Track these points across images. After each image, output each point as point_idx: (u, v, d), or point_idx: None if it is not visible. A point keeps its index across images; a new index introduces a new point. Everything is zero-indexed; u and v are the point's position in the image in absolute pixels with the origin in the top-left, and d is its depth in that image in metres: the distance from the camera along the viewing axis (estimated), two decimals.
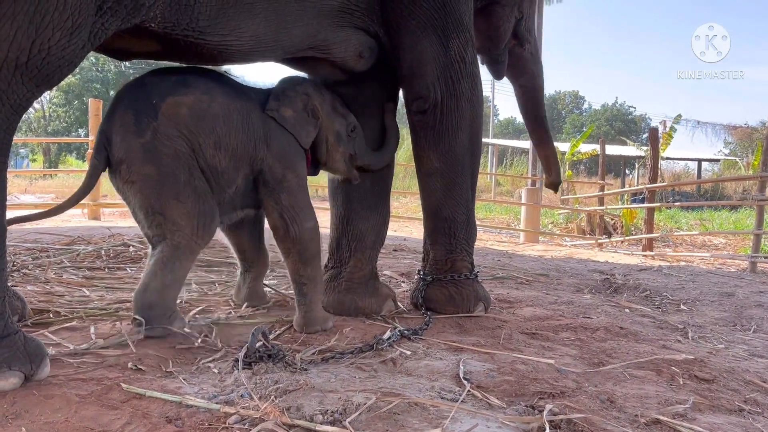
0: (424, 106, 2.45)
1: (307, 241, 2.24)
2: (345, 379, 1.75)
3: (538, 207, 9.78)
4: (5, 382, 1.48)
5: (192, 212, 2.01)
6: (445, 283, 2.61)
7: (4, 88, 1.47)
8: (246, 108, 2.15)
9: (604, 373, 1.94)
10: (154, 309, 2.00)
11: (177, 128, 1.99)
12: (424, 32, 2.39)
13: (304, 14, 2.10)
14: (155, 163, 1.97)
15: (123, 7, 1.67)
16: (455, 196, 2.55)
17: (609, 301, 3.32)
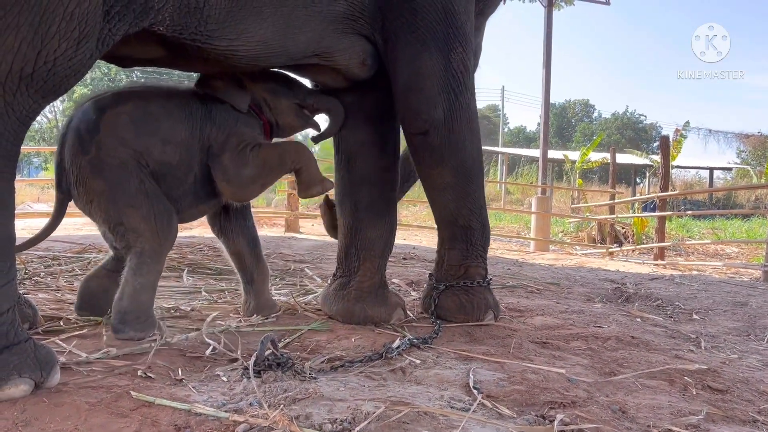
0: (425, 126, 2.36)
1: (262, 161, 2.27)
2: (354, 388, 1.74)
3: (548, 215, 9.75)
4: (15, 390, 1.48)
5: (148, 216, 2.07)
6: (456, 290, 2.59)
7: (9, 100, 1.47)
8: (184, 99, 2.24)
9: (615, 382, 1.92)
10: (128, 314, 2.06)
11: (118, 137, 2.05)
12: (424, 45, 2.31)
13: (311, 20, 2.09)
14: (103, 176, 2.04)
15: (131, 11, 1.67)
16: (470, 206, 2.53)
17: (620, 310, 3.30)
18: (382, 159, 2.55)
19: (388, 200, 2.58)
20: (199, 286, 3.22)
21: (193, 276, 3.53)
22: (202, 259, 3.97)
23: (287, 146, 2.37)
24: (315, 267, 4.18)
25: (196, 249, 4.31)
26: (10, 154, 1.51)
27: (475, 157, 2.51)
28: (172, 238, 2.17)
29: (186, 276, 3.47)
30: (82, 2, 1.51)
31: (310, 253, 5.02)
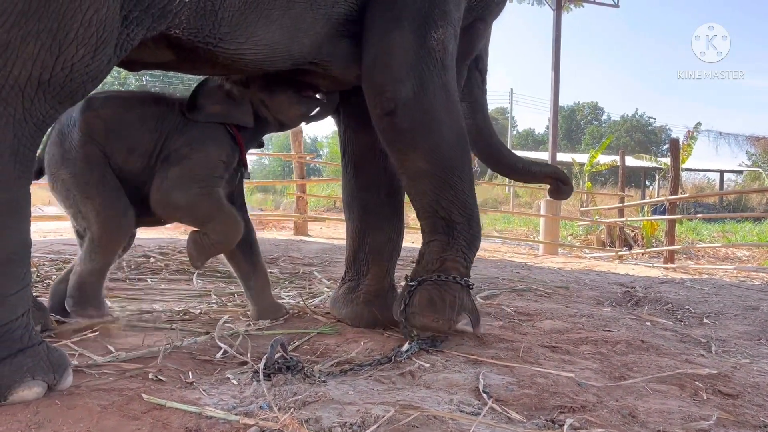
0: (390, 105, 2.15)
1: (192, 204, 2.25)
2: (363, 392, 1.74)
3: (557, 218, 9.72)
4: (29, 392, 1.49)
5: (101, 208, 2.19)
6: (428, 284, 2.24)
7: (27, 106, 1.48)
8: (163, 109, 2.29)
9: (625, 387, 1.91)
10: (75, 293, 2.25)
11: (90, 135, 2.18)
12: (397, 22, 2.15)
13: (316, 23, 2.07)
14: (69, 166, 2.19)
15: (149, 15, 1.67)
16: (450, 198, 2.24)
17: (630, 314, 3.28)
18: (389, 162, 2.54)
19: (396, 204, 2.57)
20: (208, 289, 3.24)
21: (202, 279, 3.54)
22: (211, 262, 3.99)
23: (222, 216, 2.30)
24: (324, 270, 4.19)
25: None
26: (27, 159, 1.53)
27: (453, 143, 2.24)
28: (124, 233, 2.27)
29: (196, 279, 3.49)
30: (100, 8, 1.52)
31: (319, 256, 5.03)
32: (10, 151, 1.47)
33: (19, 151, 1.50)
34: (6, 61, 1.43)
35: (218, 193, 2.29)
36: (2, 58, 1.42)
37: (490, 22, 2.72)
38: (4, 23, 1.41)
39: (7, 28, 1.41)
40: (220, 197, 2.30)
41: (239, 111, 2.37)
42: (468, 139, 2.36)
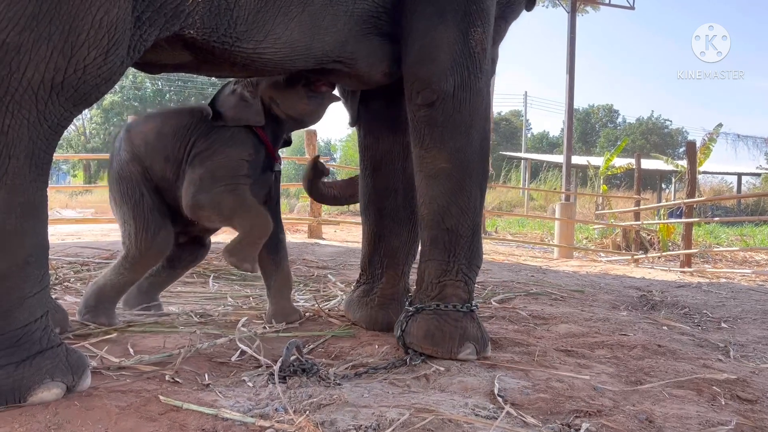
0: (432, 97, 2.14)
1: (217, 202, 2.30)
2: (378, 395, 1.75)
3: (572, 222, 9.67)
4: (48, 393, 1.51)
5: (138, 227, 2.33)
6: (427, 314, 2.16)
7: (41, 108, 1.49)
8: (190, 119, 2.39)
9: (642, 391, 1.90)
10: (91, 301, 2.37)
11: (133, 153, 2.35)
12: (442, 17, 2.14)
13: (337, 20, 2.03)
14: (117, 185, 2.37)
15: (162, 15, 1.66)
16: (462, 203, 2.19)
17: (646, 318, 3.26)
18: (407, 167, 2.54)
19: (412, 208, 2.55)
20: (224, 291, 3.26)
21: (218, 282, 3.57)
22: (227, 266, 4.01)
23: (245, 209, 2.32)
24: (338, 273, 4.20)
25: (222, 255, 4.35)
26: (42, 162, 1.54)
27: (477, 149, 2.22)
28: (154, 255, 2.39)
29: (212, 282, 3.51)
30: (111, 10, 1.52)
31: (333, 260, 5.04)
32: (25, 154, 1.48)
33: (35, 154, 1.51)
34: (19, 64, 1.44)
35: (241, 189, 2.33)
36: (15, 60, 1.43)
37: (509, 22, 2.67)
38: (16, 26, 1.42)
39: (18, 30, 1.42)
40: (243, 193, 2.33)
41: (250, 112, 2.41)
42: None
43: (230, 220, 2.36)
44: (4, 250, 1.48)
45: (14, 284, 1.50)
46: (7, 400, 1.47)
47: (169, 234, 2.38)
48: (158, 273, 2.61)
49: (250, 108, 2.41)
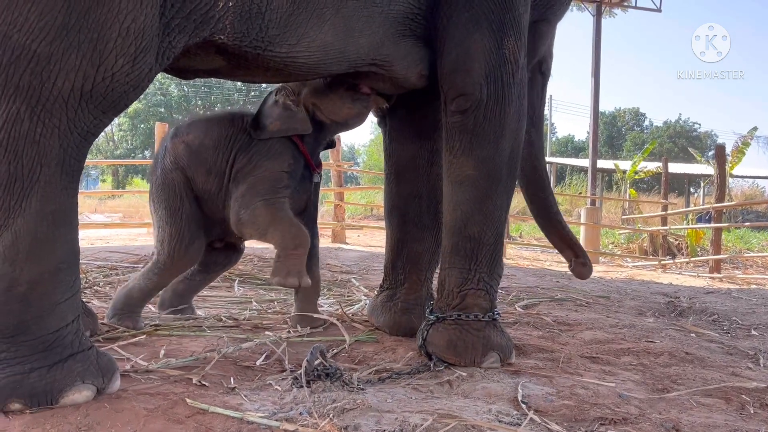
0: (465, 104, 2.15)
1: (254, 216, 2.32)
2: (401, 400, 1.75)
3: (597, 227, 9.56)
4: (79, 395, 1.55)
5: (173, 235, 2.36)
6: (448, 324, 2.16)
7: (71, 116, 1.51)
8: (232, 130, 2.39)
9: (668, 399, 1.87)
10: (119, 304, 2.42)
11: (176, 161, 2.37)
12: (477, 25, 2.15)
13: (372, 22, 2.01)
14: (159, 192, 2.40)
15: (191, 21, 1.66)
16: (486, 211, 2.18)
17: (673, 324, 3.21)
18: (431, 173, 2.55)
19: (436, 214, 2.55)
20: (249, 296, 3.30)
21: (243, 286, 3.61)
22: (252, 270, 4.06)
23: (278, 221, 2.32)
24: (361, 278, 4.21)
25: (247, 260, 4.40)
26: (73, 169, 1.57)
27: (506, 158, 2.21)
28: (185, 264, 2.45)
29: (237, 286, 3.56)
30: (138, 17, 1.53)
31: (357, 264, 5.06)
32: (56, 162, 1.52)
33: (65, 161, 1.54)
34: (50, 73, 1.47)
35: (279, 202, 2.35)
36: (46, 70, 1.46)
37: (554, 23, 2.66)
38: (46, 36, 1.45)
39: (49, 41, 1.46)
40: (279, 206, 2.35)
41: (296, 121, 2.41)
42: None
43: (265, 234, 2.37)
44: (36, 257, 1.52)
45: (47, 290, 1.54)
46: (40, 402, 1.50)
47: (201, 245, 2.43)
48: (193, 276, 2.65)
49: (295, 117, 2.41)
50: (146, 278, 2.43)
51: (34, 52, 1.45)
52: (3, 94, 1.46)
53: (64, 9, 1.46)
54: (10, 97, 1.46)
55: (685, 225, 10.92)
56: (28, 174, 1.49)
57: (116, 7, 1.51)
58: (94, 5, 1.49)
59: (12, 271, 1.49)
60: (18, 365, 1.50)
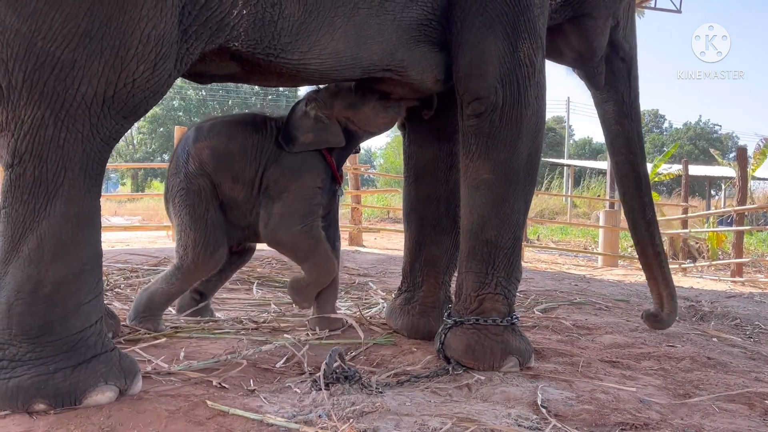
0: (481, 108, 2.15)
1: (295, 242, 2.39)
2: (420, 403, 1.75)
3: (617, 230, 9.47)
4: (102, 396, 1.57)
5: (198, 241, 2.35)
6: (467, 328, 2.16)
7: (94, 122, 1.55)
8: (260, 138, 2.38)
9: (690, 405, 1.85)
10: (140, 308, 2.41)
11: (201, 167, 2.34)
12: (491, 29, 2.14)
13: (384, 29, 2.03)
14: (182, 196, 2.36)
15: (207, 29, 1.70)
16: (503, 215, 2.18)
17: (695, 329, 3.17)
18: (450, 176, 2.55)
19: (454, 217, 2.54)
20: (268, 298, 3.31)
21: (262, 289, 3.63)
22: (270, 273, 4.08)
23: (317, 257, 2.42)
24: (379, 281, 4.21)
25: (265, 262, 4.42)
26: (96, 173, 1.61)
27: (523, 161, 2.20)
28: (207, 269, 2.43)
29: (256, 289, 3.58)
30: (158, 24, 1.57)
31: (374, 267, 5.06)
32: (79, 166, 1.55)
33: (88, 166, 1.58)
34: (73, 79, 1.51)
35: (318, 230, 2.41)
36: (69, 76, 1.50)
37: (600, 18, 2.59)
38: (70, 43, 1.49)
39: (72, 47, 1.49)
40: (319, 236, 2.41)
41: (330, 134, 2.42)
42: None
43: (303, 263, 2.47)
44: (61, 259, 1.55)
45: (71, 291, 1.56)
46: (64, 402, 1.53)
47: (225, 251, 2.43)
48: (209, 278, 2.66)
49: (329, 129, 2.42)
50: (168, 282, 2.43)
51: (58, 59, 1.49)
52: (28, 100, 1.49)
53: (87, 16, 1.49)
54: (35, 103, 1.50)
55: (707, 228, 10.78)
56: (53, 178, 1.52)
57: (137, 15, 1.54)
58: (116, 13, 1.52)
59: (37, 272, 1.52)
60: (43, 365, 1.53)
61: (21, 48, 1.48)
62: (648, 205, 2.88)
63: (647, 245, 2.87)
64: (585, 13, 2.56)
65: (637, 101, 2.89)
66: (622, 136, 2.85)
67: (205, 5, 1.67)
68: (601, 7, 2.58)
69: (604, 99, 2.87)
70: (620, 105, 2.83)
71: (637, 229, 2.90)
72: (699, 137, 40.55)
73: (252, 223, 2.42)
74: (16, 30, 1.47)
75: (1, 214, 1.56)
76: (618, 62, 2.79)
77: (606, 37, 2.67)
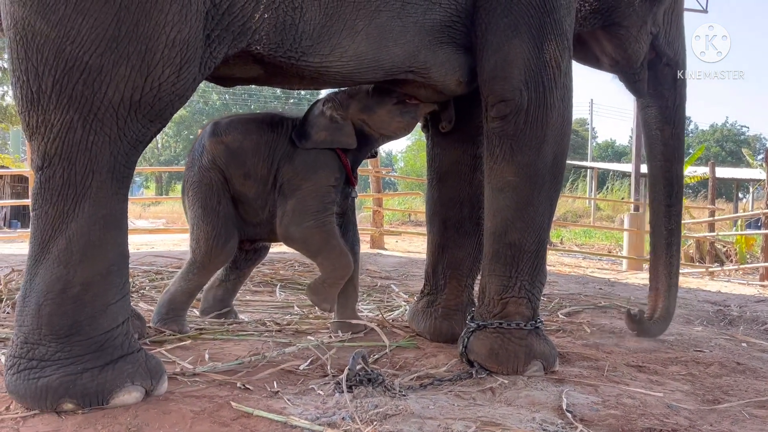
0: (506, 110, 2.13)
1: (306, 237, 2.39)
2: (444, 407, 1.74)
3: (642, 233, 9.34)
4: (129, 396, 1.59)
5: (210, 233, 2.39)
6: (489, 332, 2.14)
7: (121, 125, 1.58)
8: (274, 136, 2.41)
9: (719, 411, 1.82)
10: (163, 309, 2.45)
11: (214, 161, 2.38)
12: (516, 31, 2.12)
13: (407, 31, 2.03)
14: (195, 189, 2.42)
15: (230, 33, 1.72)
16: (527, 218, 2.15)
17: (723, 334, 3.11)
18: (473, 179, 2.53)
19: (478, 220, 2.52)
20: (291, 301, 3.33)
21: (285, 291, 3.65)
22: (293, 275, 4.10)
23: (330, 249, 2.41)
24: (401, 284, 4.21)
25: (288, 265, 4.45)
26: (123, 176, 1.63)
27: (548, 164, 2.18)
28: (221, 261, 2.49)
29: (279, 291, 3.60)
30: (183, 29, 1.59)
31: (396, 270, 5.06)
32: (107, 169, 1.58)
33: (116, 168, 1.60)
34: (101, 83, 1.53)
35: (330, 225, 2.41)
36: (97, 81, 1.53)
37: (633, 27, 2.56)
38: (98, 48, 1.52)
39: (100, 52, 1.52)
40: (331, 230, 2.41)
41: (343, 134, 2.43)
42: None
43: (316, 257, 2.47)
44: (89, 260, 1.57)
45: (98, 292, 1.59)
46: (91, 402, 1.55)
47: (236, 243, 2.46)
48: (227, 278, 2.70)
49: (342, 129, 2.43)
50: (186, 279, 2.46)
51: (86, 64, 1.52)
52: (57, 104, 1.52)
53: (114, 22, 1.52)
54: (64, 107, 1.53)
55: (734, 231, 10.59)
56: (81, 180, 1.55)
57: (163, 20, 1.56)
58: (143, 18, 1.54)
59: (66, 273, 1.55)
60: (71, 365, 1.55)
61: (51, 53, 1.51)
62: (674, 216, 2.85)
63: (661, 253, 2.85)
64: (615, 23, 2.54)
65: (683, 107, 2.85)
66: (661, 142, 2.82)
67: (227, 10, 1.69)
68: (632, 17, 2.55)
69: (647, 104, 2.84)
70: (663, 110, 2.80)
71: (656, 235, 2.89)
72: (726, 139, 39.90)
73: (264, 221, 2.44)
74: (46, 36, 1.50)
75: (31, 217, 1.59)
76: (663, 68, 2.76)
77: (643, 45, 2.64)
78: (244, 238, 2.53)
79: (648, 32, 2.64)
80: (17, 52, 1.54)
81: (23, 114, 1.57)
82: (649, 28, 2.63)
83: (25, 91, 1.55)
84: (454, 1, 2.11)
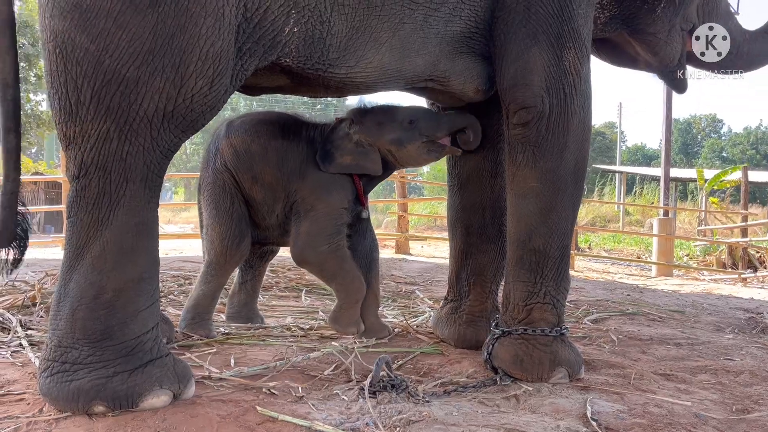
0: (527, 117, 2.15)
1: (321, 262, 2.43)
2: (467, 414, 1.74)
3: (671, 238, 9.18)
4: (157, 399, 1.63)
5: (224, 234, 2.42)
6: (514, 338, 2.15)
7: (154, 136, 1.63)
8: (286, 145, 2.42)
9: (749, 421, 1.79)
10: (188, 315, 2.48)
11: (225, 164, 2.42)
12: (535, 39, 2.15)
13: (428, 42, 2.07)
14: (209, 190, 2.46)
15: (261, 46, 1.76)
16: (551, 224, 2.16)
17: (755, 342, 3.05)
18: (495, 184, 2.54)
19: (500, 226, 2.53)
20: (316, 306, 3.35)
21: (310, 296, 3.68)
22: (318, 281, 4.12)
23: (343, 275, 2.45)
24: (425, 289, 4.21)
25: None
26: (154, 184, 1.68)
27: (570, 170, 2.19)
28: (235, 261, 2.51)
29: (304, 296, 3.63)
30: (216, 42, 1.64)
31: (421, 276, 5.06)
32: (140, 178, 1.63)
33: (149, 177, 1.66)
34: (137, 95, 1.58)
35: (343, 249, 2.44)
36: (134, 93, 1.58)
37: (660, 30, 2.58)
38: (135, 61, 1.57)
39: (137, 65, 1.57)
40: (344, 255, 2.45)
41: (369, 160, 2.46)
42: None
43: (330, 282, 2.53)
44: (122, 267, 1.62)
45: (130, 298, 1.63)
46: (121, 405, 1.59)
47: (249, 242, 2.50)
48: (245, 279, 2.74)
49: (368, 156, 2.46)
50: (206, 282, 2.49)
51: (123, 76, 1.57)
52: (95, 115, 1.58)
53: (151, 36, 1.57)
54: (102, 118, 1.58)
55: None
56: (116, 189, 1.60)
57: (197, 33, 1.61)
58: (178, 32, 1.59)
59: (100, 279, 1.60)
60: (102, 369, 1.59)
61: (90, 66, 1.56)
62: None
63: None
64: (641, 29, 2.56)
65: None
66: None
67: (258, 24, 1.73)
68: (657, 23, 2.56)
69: None
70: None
71: None
72: (761, 141, 39.00)
73: (272, 226, 2.49)
74: (86, 49, 1.56)
75: (67, 224, 1.65)
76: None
77: (675, 45, 2.66)
78: (255, 241, 2.56)
79: (679, 33, 2.66)
80: (56, 65, 1.59)
81: (60, 125, 1.62)
82: (679, 28, 2.64)
83: (63, 102, 1.60)
84: (474, 13, 2.14)
